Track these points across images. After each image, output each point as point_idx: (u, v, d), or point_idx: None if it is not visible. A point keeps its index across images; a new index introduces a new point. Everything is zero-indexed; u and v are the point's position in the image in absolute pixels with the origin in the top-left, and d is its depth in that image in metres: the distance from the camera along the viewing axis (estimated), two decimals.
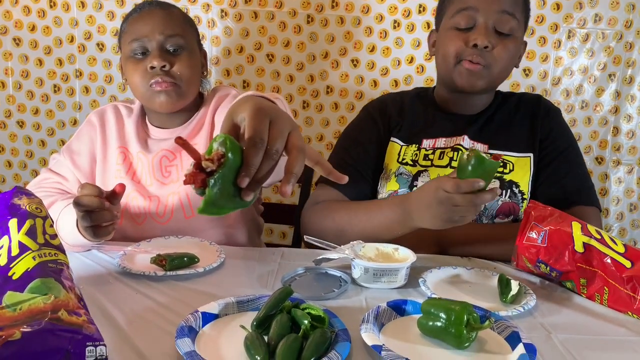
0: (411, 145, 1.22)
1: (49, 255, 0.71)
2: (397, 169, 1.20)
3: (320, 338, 0.70)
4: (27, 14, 1.65)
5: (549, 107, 1.24)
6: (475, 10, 1.12)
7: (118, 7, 1.65)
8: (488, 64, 1.13)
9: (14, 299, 0.63)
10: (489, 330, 0.76)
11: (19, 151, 1.75)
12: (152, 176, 1.20)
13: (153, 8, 1.17)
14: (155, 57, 1.12)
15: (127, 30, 1.16)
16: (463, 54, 1.13)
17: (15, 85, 1.70)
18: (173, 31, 1.14)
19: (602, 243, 0.90)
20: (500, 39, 1.13)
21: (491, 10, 1.11)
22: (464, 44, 1.13)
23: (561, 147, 1.20)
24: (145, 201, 1.19)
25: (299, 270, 0.97)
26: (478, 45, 1.11)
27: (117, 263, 0.96)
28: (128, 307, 0.82)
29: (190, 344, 0.70)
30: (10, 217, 0.73)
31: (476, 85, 1.15)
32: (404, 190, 1.19)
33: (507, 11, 1.12)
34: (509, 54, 1.14)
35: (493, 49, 1.12)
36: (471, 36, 1.12)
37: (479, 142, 1.20)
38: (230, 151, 0.60)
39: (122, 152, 1.22)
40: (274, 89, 1.72)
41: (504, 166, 1.17)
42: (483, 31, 1.11)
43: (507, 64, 1.16)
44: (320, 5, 1.65)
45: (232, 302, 0.81)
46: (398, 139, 1.24)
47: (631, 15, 1.63)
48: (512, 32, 1.13)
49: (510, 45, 1.14)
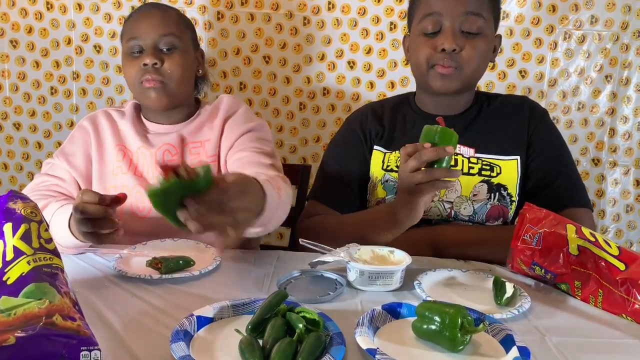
0: (394, 152, 1.23)
1: (43, 260, 0.71)
2: (382, 177, 1.22)
3: (314, 342, 0.70)
4: (24, 16, 1.65)
5: (535, 109, 1.24)
6: (440, 15, 1.13)
7: (115, 10, 1.65)
8: (459, 66, 1.13)
9: (9, 303, 0.63)
10: (483, 333, 0.77)
11: (15, 153, 1.75)
12: (156, 169, 1.21)
13: (151, 9, 1.23)
14: (148, 55, 1.17)
15: (126, 30, 1.22)
16: (433, 59, 1.15)
17: (12, 87, 1.70)
18: (167, 31, 1.19)
19: (596, 246, 0.91)
20: (468, 39, 1.13)
21: (456, 13, 1.12)
22: (432, 50, 1.14)
23: (551, 148, 1.20)
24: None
25: (294, 273, 0.97)
26: (446, 49, 1.12)
27: (113, 266, 0.96)
28: (123, 311, 0.82)
29: (185, 348, 0.70)
30: (5, 222, 0.73)
31: (451, 87, 1.16)
32: (391, 197, 1.21)
33: (472, 12, 1.12)
34: (479, 53, 1.14)
35: (462, 50, 1.13)
36: (438, 41, 1.13)
37: (464, 145, 1.20)
38: (204, 177, 0.69)
39: (121, 150, 1.23)
40: (271, 90, 1.72)
41: (490, 169, 1.18)
42: (450, 35, 1.12)
43: (480, 62, 1.16)
44: (316, 7, 1.66)
45: (227, 306, 0.81)
46: (380, 147, 1.25)
47: (627, 16, 1.64)
48: (480, 30, 1.13)
49: (479, 44, 1.14)
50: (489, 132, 1.22)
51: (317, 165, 1.76)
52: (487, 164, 1.18)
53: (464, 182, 1.17)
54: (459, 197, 1.17)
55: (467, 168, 1.18)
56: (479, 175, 1.17)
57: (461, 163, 1.19)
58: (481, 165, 1.18)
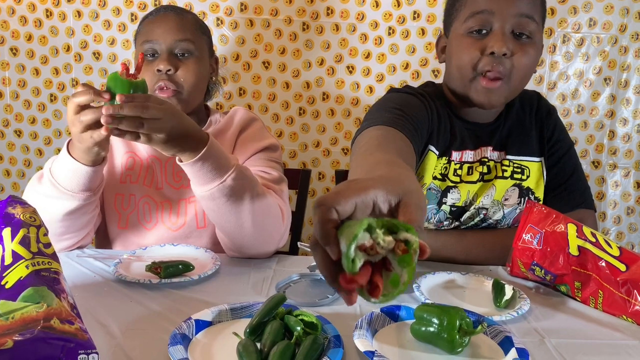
0: (441, 158, 1.11)
1: (42, 264, 0.71)
2: (429, 184, 1.11)
3: (312, 344, 0.70)
4: (24, 23, 1.67)
5: (548, 106, 1.21)
6: (491, 14, 1.01)
7: (114, 17, 1.66)
8: (508, 73, 1.02)
9: (6, 307, 0.63)
10: (482, 335, 0.76)
11: (17, 160, 1.76)
12: (165, 180, 1.20)
13: (168, 12, 1.20)
14: (162, 61, 1.14)
15: (141, 32, 1.20)
16: (480, 64, 1.03)
17: (12, 95, 1.71)
18: (183, 36, 1.16)
19: (597, 246, 0.90)
20: (519, 44, 1.02)
21: (508, 13, 1.01)
22: (479, 53, 1.02)
23: (565, 146, 1.18)
24: (158, 206, 1.18)
25: (293, 277, 0.97)
26: (495, 52, 1.00)
27: (113, 271, 0.96)
28: (122, 315, 0.82)
29: (183, 351, 0.70)
30: (4, 226, 0.73)
31: (496, 103, 1.07)
32: (431, 207, 1.11)
33: (526, 14, 1.01)
34: (530, 60, 1.03)
35: (512, 55, 1.01)
36: (487, 43, 1.01)
37: (499, 150, 1.15)
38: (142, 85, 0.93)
39: (131, 157, 1.21)
40: (270, 96, 1.72)
41: (521, 172, 1.13)
42: (500, 37, 1.00)
43: (528, 71, 1.06)
44: (315, 12, 1.67)
45: (226, 310, 0.81)
46: (435, 147, 1.10)
47: (625, 19, 1.64)
48: (532, 35, 1.03)
49: (530, 51, 1.03)
50: (516, 133, 1.16)
51: (317, 169, 1.77)
52: (517, 166, 1.14)
53: (498, 186, 1.13)
54: (492, 201, 1.13)
55: (501, 171, 1.14)
56: (511, 178, 1.14)
57: (494, 168, 1.14)
58: (513, 167, 1.14)
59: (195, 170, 0.97)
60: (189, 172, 0.98)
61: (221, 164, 0.97)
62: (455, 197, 1.12)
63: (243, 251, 1.07)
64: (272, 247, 1.08)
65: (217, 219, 1.04)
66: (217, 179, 0.97)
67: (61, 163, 1.00)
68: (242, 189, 0.99)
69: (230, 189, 0.98)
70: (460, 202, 1.12)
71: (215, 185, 0.97)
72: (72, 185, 1.00)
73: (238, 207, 0.99)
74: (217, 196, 0.98)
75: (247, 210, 1.00)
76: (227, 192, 0.98)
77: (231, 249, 1.08)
